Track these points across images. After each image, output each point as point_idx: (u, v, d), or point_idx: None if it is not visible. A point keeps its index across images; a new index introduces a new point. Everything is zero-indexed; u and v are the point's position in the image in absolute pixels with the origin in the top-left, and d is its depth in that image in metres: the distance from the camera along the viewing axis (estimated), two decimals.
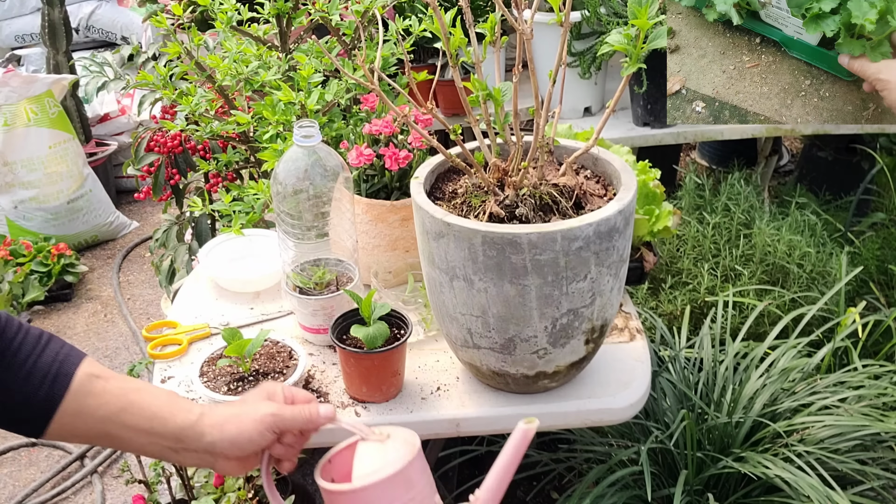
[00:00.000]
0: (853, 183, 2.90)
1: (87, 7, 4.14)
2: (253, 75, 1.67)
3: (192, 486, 1.86)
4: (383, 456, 0.96)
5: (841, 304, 1.96)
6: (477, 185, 1.22)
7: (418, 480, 0.96)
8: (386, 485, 0.94)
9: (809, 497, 1.45)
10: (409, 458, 0.95)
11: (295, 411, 1.01)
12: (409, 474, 0.95)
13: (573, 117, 2.52)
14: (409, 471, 0.95)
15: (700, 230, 2.31)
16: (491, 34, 1.21)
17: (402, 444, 0.97)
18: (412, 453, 0.96)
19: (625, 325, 1.40)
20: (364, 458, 0.97)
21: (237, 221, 1.59)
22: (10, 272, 3.05)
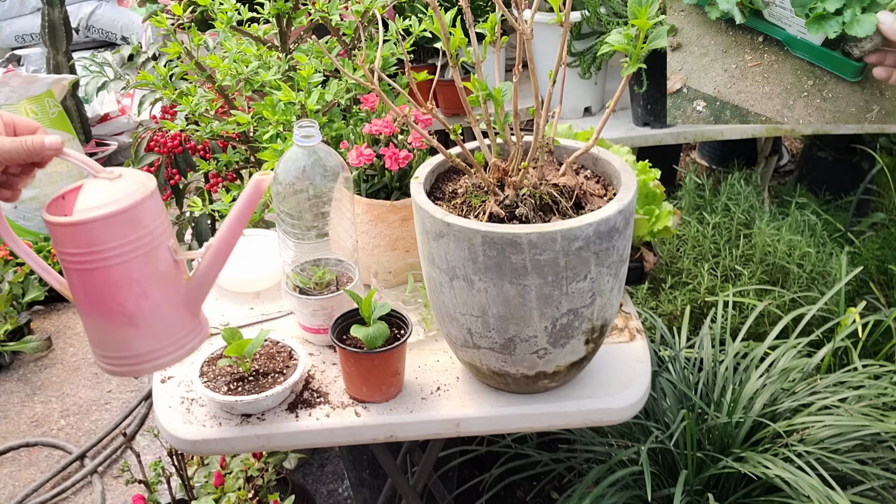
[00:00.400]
0: (853, 183, 2.90)
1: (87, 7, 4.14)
2: (253, 75, 1.67)
3: (192, 486, 1.86)
4: (110, 194, 0.92)
5: (841, 304, 1.96)
6: (477, 185, 1.22)
7: (148, 223, 0.93)
8: (108, 221, 0.90)
9: (809, 497, 1.45)
10: (136, 199, 0.91)
11: (16, 143, 0.93)
12: (135, 214, 0.91)
13: (573, 117, 2.52)
14: (135, 210, 0.91)
15: (700, 230, 2.31)
16: (491, 34, 1.21)
17: (132, 184, 0.93)
18: (142, 194, 0.92)
19: (625, 325, 1.40)
20: (90, 194, 0.92)
21: None
22: (10, 272, 3.05)
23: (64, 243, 0.93)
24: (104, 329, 0.96)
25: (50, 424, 2.60)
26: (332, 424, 1.23)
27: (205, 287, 1.00)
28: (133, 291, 0.94)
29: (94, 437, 2.50)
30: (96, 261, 0.92)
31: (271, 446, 1.25)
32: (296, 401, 1.27)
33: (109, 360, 0.99)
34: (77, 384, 2.77)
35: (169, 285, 0.97)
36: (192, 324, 1.01)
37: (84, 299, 0.95)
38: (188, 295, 0.99)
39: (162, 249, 0.95)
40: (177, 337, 1.00)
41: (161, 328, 0.98)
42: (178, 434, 1.23)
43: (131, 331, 0.96)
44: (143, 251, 0.93)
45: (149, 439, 2.44)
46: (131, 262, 0.93)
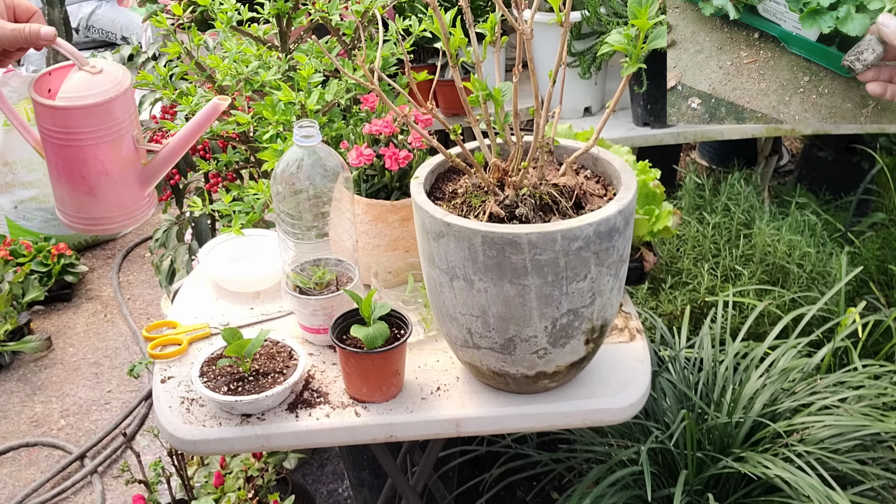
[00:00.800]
0: (853, 183, 2.90)
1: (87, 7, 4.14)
2: (253, 75, 1.67)
3: (192, 486, 1.86)
4: (90, 87, 1.06)
5: (841, 304, 1.96)
6: (477, 185, 1.22)
7: (118, 116, 1.09)
8: (84, 111, 1.06)
9: (809, 497, 1.45)
10: (111, 95, 1.07)
11: (16, 31, 1.07)
12: (108, 108, 1.07)
13: (573, 117, 2.52)
14: (108, 105, 1.07)
15: (700, 230, 2.31)
16: (491, 34, 1.21)
17: (110, 81, 1.08)
18: (117, 91, 1.08)
19: (625, 325, 1.40)
20: (74, 82, 1.07)
21: (237, 221, 1.59)
22: (10, 272, 3.05)
23: (44, 120, 1.09)
24: (68, 193, 1.13)
25: (50, 424, 2.60)
26: (332, 424, 1.23)
27: (157, 174, 1.19)
28: (96, 169, 1.11)
29: (94, 437, 2.50)
30: (69, 140, 1.08)
31: (271, 446, 1.25)
32: (296, 401, 1.27)
33: (69, 217, 1.17)
34: (77, 384, 2.77)
35: (127, 167, 1.14)
36: (142, 200, 1.19)
37: (55, 167, 1.12)
38: (142, 177, 1.17)
39: (126, 138, 1.12)
40: (127, 209, 1.17)
41: (115, 200, 1.15)
42: (178, 434, 1.23)
43: (90, 199, 1.13)
44: (111, 138, 1.09)
45: (149, 439, 2.44)
46: (99, 145, 1.09)
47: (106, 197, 1.13)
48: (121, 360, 2.87)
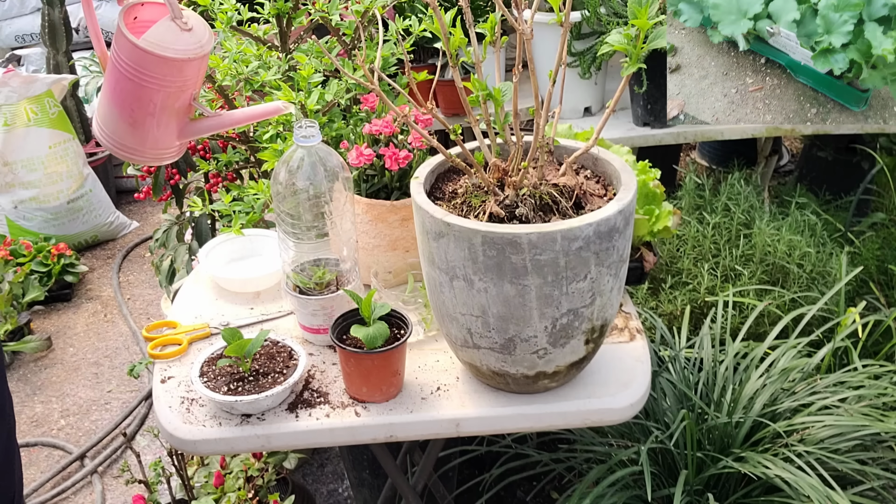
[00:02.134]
0: (853, 183, 2.90)
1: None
2: (253, 75, 1.67)
3: (192, 486, 1.86)
4: (174, 41, 1.10)
5: (841, 304, 1.96)
6: (477, 185, 1.22)
7: (188, 75, 1.13)
8: (159, 60, 1.09)
9: (809, 497, 1.45)
10: (189, 56, 1.10)
11: None
12: (181, 66, 1.11)
13: (573, 117, 2.52)
14: (183, 63, 1.11)
15: (700, 230, 2.31)
16: (491, 34, 1.21)
17: (193, 42, 1.12)
18: (195, 53, 1.11)
19: (625, 325, 1.40)
20: (162, 30, 1.11)
21: (237, 221, 1.59)
22: (10, 272, 3.05)
23: (121, 50, 1.11)
24: (113, 115, 1.16)
25: (50, 424, 2.60)
26: (332, 424, 1.23)
27: (198, 133, 1.24)
28: (146, 109, 1.14)
29: (94, 437, 2.50)
30: (136, 76, 1.11)
31: (271, 446, 1.25)
32: (296, 401, 1.27)
33: (104, 135, 1.20)
34: (77, 384, 2.77)
35: (175, 117, 1.18)
36: (172, 147, 1.23)
37: (112, 90, 1.16)
38: (184, 130, 1.21)
39: (186, 94, 1.16)
40: (158, 150, 1.21)
41: (151, 139, 1.19)
42: (178, 434, 1.23)
43: (130, 129, 1.17)
44: (172, 90, 1.13)
45: (149, 439, 2.44)
46: (159, 91, 1.13)
47: (144, 134, 1.17)
48: (121, 360, 2.87)
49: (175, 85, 1.13)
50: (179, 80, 1.13)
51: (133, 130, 1.17)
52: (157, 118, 1.16)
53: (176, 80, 1.12)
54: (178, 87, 1.13)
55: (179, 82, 1.13)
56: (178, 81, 1.13)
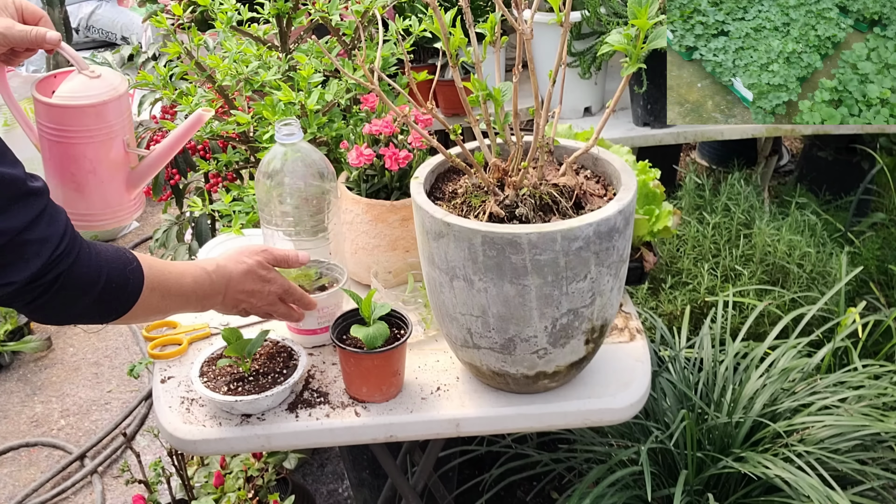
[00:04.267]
0: (853, 183, 2.90)
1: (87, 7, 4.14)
2: (253, 75, 1.67)
3: (192, 486, 1.86)
4: (86, 89, 1.12)
5: (841, 304, 1.96)
6: (477, 185, 1.22)
7: (110, 119, 1.13)
8: (77, 111, 1.11)
9: (809, 497, 1.45)
10: (104, 98, 1.12)
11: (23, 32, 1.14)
12: (100, 110, 1.12)
13: (573, 117, 2.52)
14: (101, 107, 1.11)
15: (700, 230, 2.31)
16: (491, 34, 1.21)
17: (106, 86, 1.13)
18: (110, 95, 1.12)
19: (625, 325, 1.40)
20: (72, 84, 1.14)
21: (237, 221, 1.59)
22: None
23: (41, 117, 1.15)
24: (58, 188, 1.17)
25: (50, 424, 2.60)
26: (332, 424, 1.23)
27: (144, 178, 1.23)
28: (84, 167, 1.14)
29: (94, 437, 2.50)
30: (62, 137, 1.13)
31: (271, 446, 1.25)
32: (296, 401, 1.27)
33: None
34: (77, 384, 2.77)
35: (115, 169, 1.17)
36: (128, 202, 1.23)
37: (48, 162, 1.17)
38: (130, 180, 1.21)
39: (117, 141, 1.15)
40: (112, 209, 1.20)
41: (100, 199, 1.19)
42: (178, 434, 1.23)
43: (77, 195, 1.17)
44: (101, 139, 1.13)
45: (149, 439, 2.44)
46: (89, 145, 1.13)
47: (92, 195, 1.17)
48: (121, 360, 2.87)
49: (101, 133, 1.14)
50: (103, 127, 1.13)
51: (80, 195, 1.18)
52: (98, 175, 1.16)
53: (100, 126, 1.13)
54: (104, 134, 1.14)
55: (105, 129, 1.14)
56: (102, 128, 1.13)
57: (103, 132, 1.13)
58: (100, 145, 1.14)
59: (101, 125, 1.13)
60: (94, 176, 1.16)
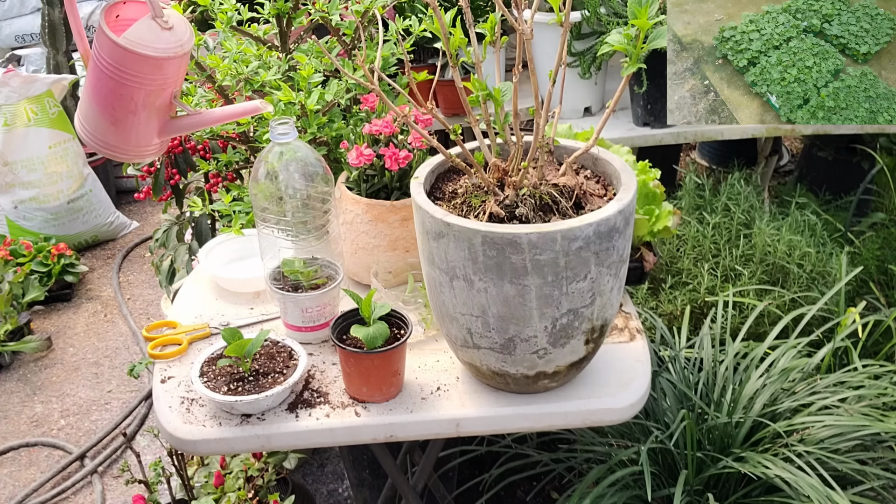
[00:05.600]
0: (853, 183, 2.90)
1: (87, 7, 4.14)
2: (253, 75, 1.67)
3: (192, 486, 1.86)
4: (154, 39, 1.12)
5: (841, 304, 1.96)
6: (477, 185, 1.22)
7: (168, 73, 1.14)
8: (139, 58, 1.11)
9: (809, 497, 1.45)
10: (168, 54, 1.12)
11: None
12: (161, 64, 1.12)
13: (573, 117, 2.52)
14: (163, 61, 1.12)
15: (700, 230, 2.31)
16: (491, 34, 1.21)
17: (173, 40, 1.13)
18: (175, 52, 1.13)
19: (625, 325, 1.40)
20: (142, 28, 1.13)
21: (237, 221, 1.59)
22: (10, 272, 3.05)
23: (102, 48, 1.13)
24: (95, 113, 1.18)
25: (50, 424, 2.60)
26: (332, 424, 1.23)
27: (179, 131, 1.25)
28: (128, 107, 1.16)
29: (94, 437, 2.50)
30: (117, 75, 1.13)
31: (271, 446, 1.25)
32: (296, 401, 1.27)
33: (87, 133, 1.22)
34: (77, 384, 2.77)
35: (156, 115, 1.19)
36: (154, 144, 1.24)
37: (93, 88, 1.17)
38: (165, 127, 1.22)
39: (166, 92, 1.18)
40: (140, 147, 1.22)
41: (133, 137, 1.21)
42: (178, 434, 1.23)
43: (111, 127, 1.18)
44: (152, 88, 1.14)
45: (149, 439, 2.44)
46: (140, 89, 1.14)
47: (126, 132, 1.18)
48: (121, 360, 2.87)
49: (156, 83, 1.14)
50: (160, 79, 1.14)
51: (115, 129, 1.18)
52: (138, 116, 1.17)
53: (156, 78, 1.14)
54: (158, 85, 1.15)
55: (160, 80, 1.14)
56: (158, 80, 1.14)
57: (158, 82, 1.14)
58: (151, 93, 1.15)
59: (158, 76, 1.14)
60: (133, 116, 1.17)
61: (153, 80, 1.14)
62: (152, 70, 1.13)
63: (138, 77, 1.13)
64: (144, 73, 1.13)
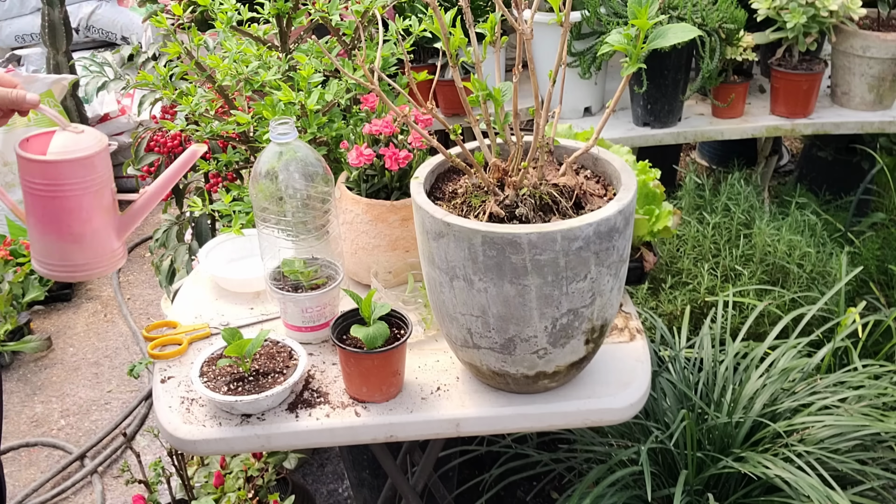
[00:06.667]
0: (853, 183, 2.90)
1: (87, 7, 4.14)
2: (253, 75, 1.67)
3: (192, 486, 1.86)
4: (75, 143, 1.17)
5: (841, 304, 1.96)
6: (477, 185, 1.22)
7: (101, 169, 1.19)
8: (72, 164, 1.16)
9: (809, 497, 1.45)
10: (95, 150, 1.18)
11: (4, 92, 1.17)
12: (92, 161, 1.17)
13: (573, 117, 2.52)
14: (93, 158, 1.17)
15: (700, 230, 2.31)
16: (491, 34, 1.21)
17: (92, 139, 1.19)
18: (98, 147, 1.19)
19: (625, 325, 1.40)
20: (61, 140, 1.18)
21: (237, 221, 1.59)
22: (10, 272, 3.05)
23: (34, 175, 1.17)
24: (53, 243, 1.21)
25: (50, 424, 2.60)
26: (332, 424, 1.23)
27: (133, 222, 1.27)
28: (80, 217, 1.19)
29: (94, 437, 2.50)
30: (59, 192, 1.17)
31: (271, 446, 1.25)
32: (296, 401, 1.27)
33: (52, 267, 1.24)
34: (77, 384, 2.77)
35: (107, 216, 1.23)
36: (118, 249, 1.26)
37: (41, 220, 1.20)
38: (119, 226, 1.25)
39: (107, 190, 1.21)
40: (107, 256, 1.24)
41: (98, 247, 1.23)
42: (178, 434, 1.23)
43: (75, 247, 1.21)
44: (95, 189, 1.19)
45: (149, 439, 2.44)
46: (84, 195, 1.18)
47: (90, 244, 1.22)
48: (121, 360, 2.87)
49: (94, 183, 1.19)
50: (97, 177, 1.19)
51: (79, 246, 1.22)
52: (93, 223, 1.21)
53: (94, 177, 1.18)
54: (97, 184, 1.19)
55: (97, 178, 1.19)
56: (96, 178, 1.19)
57: (96, 182, 1.19)
58: (94, 195, 1.19)
59: (94, 175, 1.19)
60: (90, 225, 1.21)
61: (92, 180, 1.18)
62: (87, 170, 1.18)
63: (78, 183, 1.17)
64: (81, 175, 1.17)
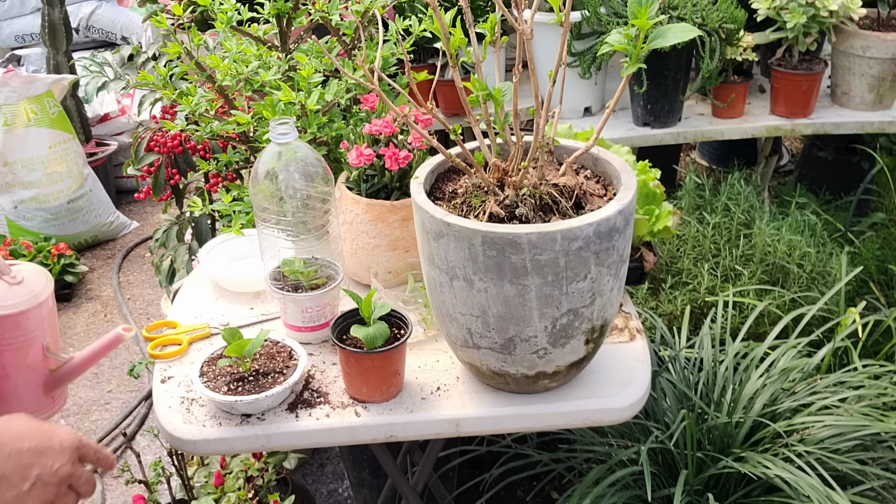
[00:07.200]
0: (853, 183, 2.90)
1: (87, 7, 4.14)
2: (253, 75, 1.67)
3: (192, 487, 1.86)
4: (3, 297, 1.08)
5: (841, 304, 1.96)
6: (477, 185, 1.22)
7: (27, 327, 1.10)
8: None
9: (809, 497, 1.45)
10: (22, 308, 1.09)
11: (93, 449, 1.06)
12: (17, 320, 1.08)
13: (573, 117, 2.52)
14: (18, 317, 1.08)
15: (700, 230, 2.31)
16: (491, 34, 1.21)
17: (25, 294, 1.10)
18: (30, 304, 1.09)
19: (625, 325, 1.40)
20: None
21: (237, 221, 1.59)
22: None
23: None
24: None
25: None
26: (332, 424, 1.23)
27: (63, 382, 1.19)
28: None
29: (94, 437, 2.50)
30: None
31: (271, 446, 1.25)
32: (296, 401, 1.27)
33: None
34: (77, 384, 2.77)
35: (31, 374, 1.14)
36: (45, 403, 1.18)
37: None
38: (47, 383, 1.16)
39: (35, 347, 1.12)
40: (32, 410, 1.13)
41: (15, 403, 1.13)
42: (178, 434, 1.23)
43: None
44: (17, 346, 1.11)
45: (149, 439, 2.44)
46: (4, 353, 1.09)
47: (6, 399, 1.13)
48: (121, 360, 2.87)
49: (17, 340, 1.10)
50: (20, 335, 1.10)
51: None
52: (12, 379, 1.12)
53: (16, 335, 1.10)
54: (20, 341, 1.10)
55: (20, 337, 1.10)
56: (18, 336, 1.10)
57: (19, 340, 1.10)
58: (16, 352, 1.10)
59: (18, 334, 1.09)
60: (7, 381, 1.12)
61: (15, 337, 1.09)
62: (11, 328, 1.09)
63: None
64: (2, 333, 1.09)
